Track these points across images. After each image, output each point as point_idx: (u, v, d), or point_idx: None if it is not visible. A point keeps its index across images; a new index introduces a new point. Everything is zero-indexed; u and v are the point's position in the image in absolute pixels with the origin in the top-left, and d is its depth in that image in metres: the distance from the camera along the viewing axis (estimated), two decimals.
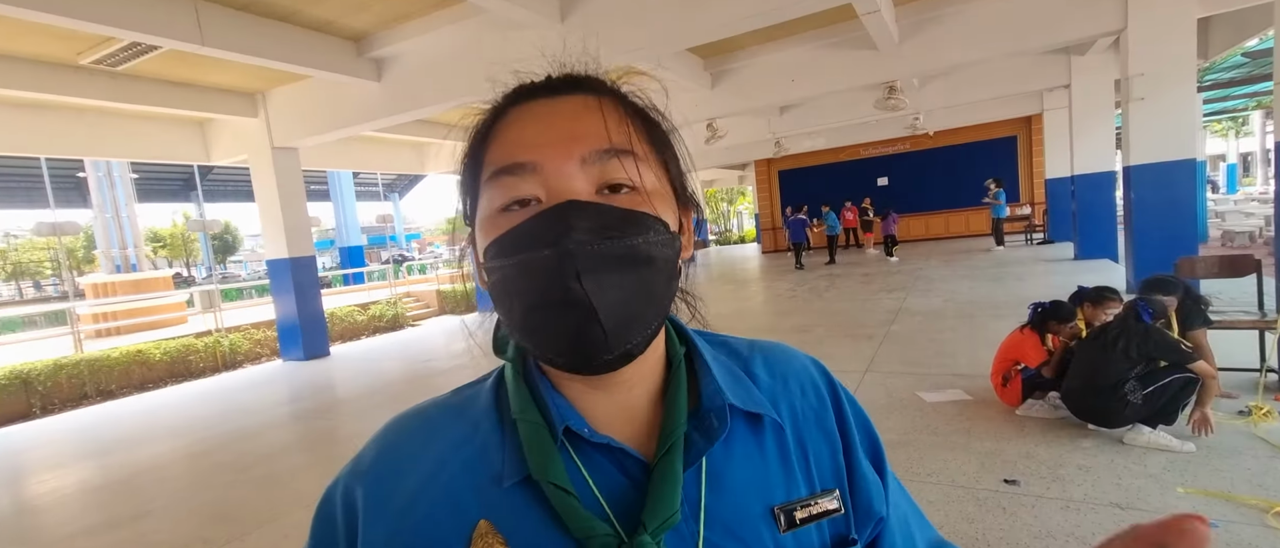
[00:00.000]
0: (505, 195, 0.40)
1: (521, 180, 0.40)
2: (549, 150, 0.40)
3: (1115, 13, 5.59)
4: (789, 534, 0.41)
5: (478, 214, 0.43)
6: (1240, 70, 10.25)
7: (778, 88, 7.47)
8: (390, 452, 0.44)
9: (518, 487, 0.39)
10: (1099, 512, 2.16)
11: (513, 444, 0.41)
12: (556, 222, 0.37)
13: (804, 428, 0.46)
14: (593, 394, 0.43)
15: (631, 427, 0.43)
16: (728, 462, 0.42)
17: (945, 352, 4.51)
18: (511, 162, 0.40)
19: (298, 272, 7.33)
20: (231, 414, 5.15)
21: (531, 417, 0.41)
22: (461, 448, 0.42)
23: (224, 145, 7.62)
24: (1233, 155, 27.21)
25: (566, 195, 0.39)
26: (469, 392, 0.47)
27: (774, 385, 0.47)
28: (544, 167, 0.39)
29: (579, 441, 0.41)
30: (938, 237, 15.05)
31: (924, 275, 8.84)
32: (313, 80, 6.43)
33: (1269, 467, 2.36)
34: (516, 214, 0.40)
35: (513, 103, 0.43)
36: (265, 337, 8.24)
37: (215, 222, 8.75)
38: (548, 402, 0.41)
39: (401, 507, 0.40)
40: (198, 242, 29.21)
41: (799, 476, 0.44)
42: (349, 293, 13.72)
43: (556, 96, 0.42)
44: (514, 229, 0.39)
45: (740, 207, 32.19)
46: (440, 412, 0.45)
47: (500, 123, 0.43)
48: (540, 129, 0.41)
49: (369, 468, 0.43)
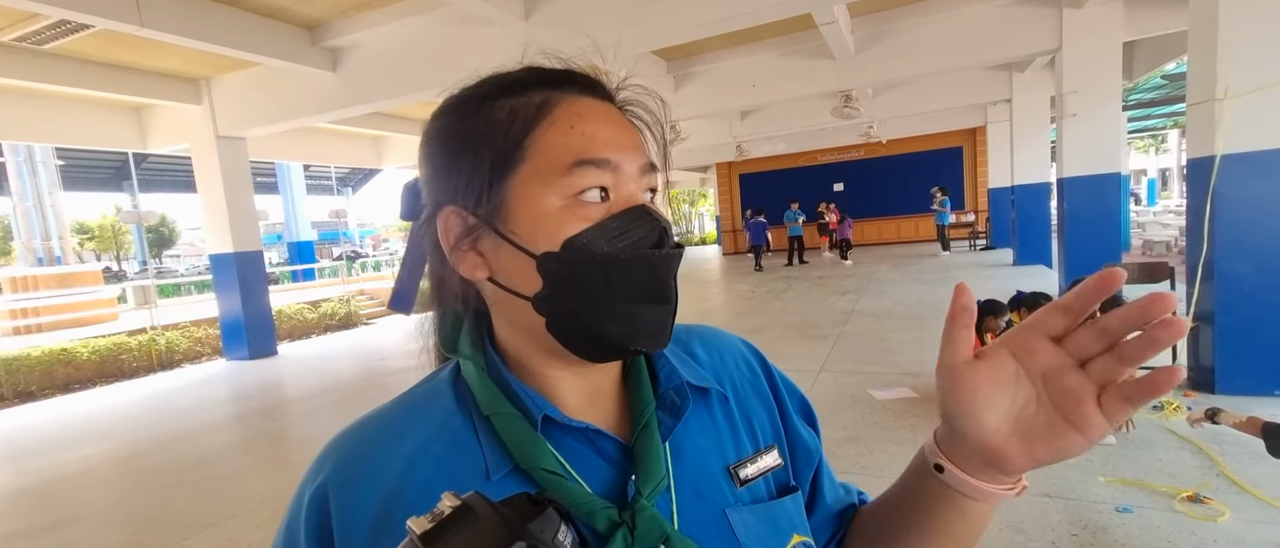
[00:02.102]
0: (582, 183, 0.40)
1: (603, 174, 0.41)
2: (625, 153, 0.42)
3: (1051, 33, 5.96)
4: (744, 488, 0.46)
5: (517, 198, 0.41)
6: (1160, 91, 11.09)
7: (739, 92, 7.62)
8: (353, 459, 0.42)
9: (506, 479, 0.40)
10: (1029, 500, 2.31)
11: (490, 438, 0.41)
12: (659, 224, 0.41)
13: (743, 396, 0.51)
14: (571, 382, 0.44)
15: (601, 411, 0.46)
16: (686, 434, 0.46)
17: (894, 351, 4.71)
18: (598, 156, 0.40)
19: (243, 267, 7.01)
20: (168, 415, 4.89)
21: (506, 409, 0.42)
22: (431, 447, 0.42)
23: (163, 132, 7.20)
24: (1153, 170, 29.33)
25: (636, 200, 0.42)
26: (424, 391, 0.46)
27: (714, 362, 0.52)
28: (621, 167, 0.41)
29: (554, 429, 0.42)
30: (889, 241, 15.63)
31: (876, 278, 9.18)
32: (262, 68, 6.15)
33: (1177, 457, 2.58)
34: (594, 206, 0.40)
35: (556, 87, 0.43)
36: (206, 335, 7.83)
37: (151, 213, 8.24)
38: (519, 393, 0.42)
39: (377, 513, 0.39)
40: (130, 234, 27.42)
41: (745, 437, 0.49)
42: (299, 290, 13.18)
43: (600, 100, 0.44)
44: (615, 220, 0.40)
45: (702, 208, 32.57)
46: (400, 413, 0.45)
47: (557, 109, 0.42)
48: (614, 131, 0.42)
49: (333, 478, 0.41)
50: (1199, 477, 2.38)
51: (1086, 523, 2.13)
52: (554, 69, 0.44)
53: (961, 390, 0.38)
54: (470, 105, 0.43)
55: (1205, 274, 3.27)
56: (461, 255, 0.43)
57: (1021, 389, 0.37)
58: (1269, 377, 3.15)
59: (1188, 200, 3.49)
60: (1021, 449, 0.37)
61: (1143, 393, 0.34)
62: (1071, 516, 2.19)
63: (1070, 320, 0.36)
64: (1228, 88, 3.07)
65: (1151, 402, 1.87)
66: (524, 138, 0.41)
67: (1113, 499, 2.27)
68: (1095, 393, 0.35)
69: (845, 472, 2.69)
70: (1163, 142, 26.69)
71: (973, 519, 0.43)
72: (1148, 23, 5.97)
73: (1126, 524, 2.10)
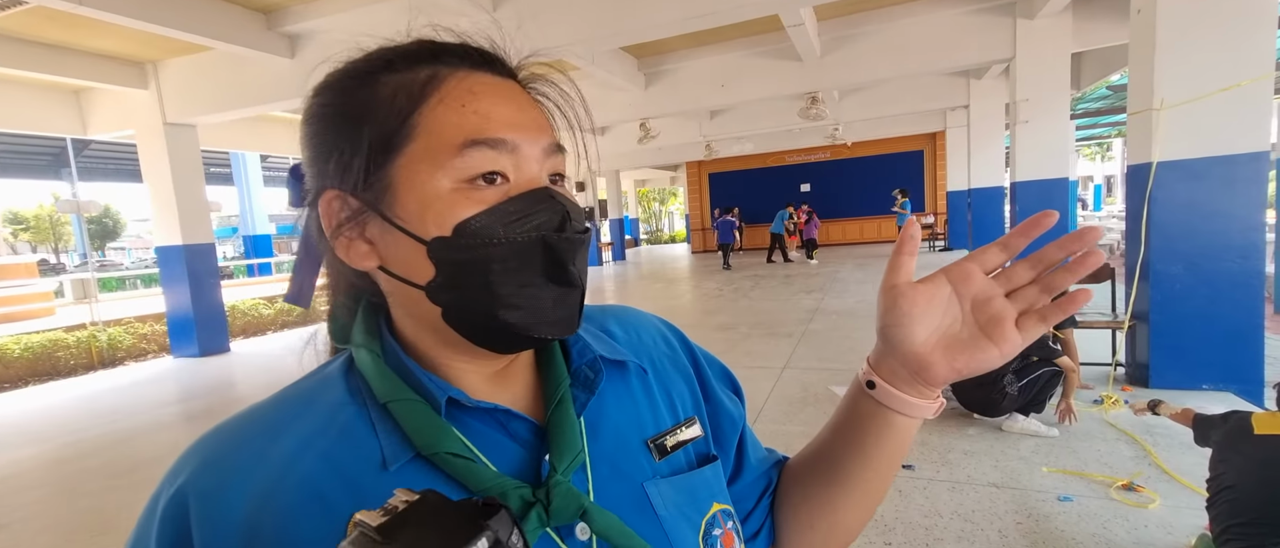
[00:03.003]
0: (476, 166, 0.38)
1: (500, 156, 0.38)
2: (524, 132, 0.40)
3: (1006, 42, 6.21)
4: (664, 461, 0.46)
5: (402, 181, 0.38)
6: (1105, 101, 11.65)
7: (708, 92, 7.68)
8: (218, 461, 0.38)
9: (407, 467, 0.38)
10: (979, 490, 2.41)
11: (388, 427, 0.39)
12: (559, 206, 0.39)
13: (662, 370, 0.52)
14: (473, 368, 0.43)
15: (511, 392, 0.44)
16: (601, 409, 0.45)
17: (857, 348, 4.82)
18: (494, 135, 0.38)
19: (193, 260, 6.70)
20: (109, 416, 4.64)
21: (406, 395, 0.39)
22: (316, 441, 0.38)
23: (105, 117, 6.82)
24: (1099, 177, 30.85)
25: (537, 182, 0.40)
26: (309, 385, 0.43)
27: (630, 338, 0.52)
28: (518, 147, 0.39)
29: (461, 413, 0.41)
30: (853, 242, 16.02)
31: (840, 278, 9.39)
32: (214, 53, 5.89)
33: (1115, 448, 2.72)
34: (488, 190, 0.38)
35: (447, 62, 0.40)
36: (153, 331, 7.46)
37: (92, 203, 7.77)
38: (421, 379, 0.40)
39: (248, 517, 0.36)
40: (70, 225, 25.91)
41: (664, 410, 0.49)
42: (255, 285, 12.69)
43: (501, 77, 0.42)
44: (510, 204, 0.38)
45: (671, 207, 32.73)
46: (279, 409, 0.41)
47: (447, 84, 0.39)
48: (513, 109, 0.40)
49: (193, 483, 0.37)
50: (1134, 467, 2.52)
51: (1030, 512, 2.23)
52: (446, 42, 0.41)
53: (900, 305, 0.43)
54: (352, 80, 0.40)
55: (1142, 275, 3.46)
56: (347, 243, 0.40)
57: (951, 310, 0.43)
58: (1197, 371, 3.36)
59: (1126, 205, 3.68)
60: (944, 359, 0.43)
61: (1056, 311, 0.41)
62: (1017, 505, 2.28)
63: (1006, 256, 0.43)
64: (1164, 98, 3.25)
65: (1092, 396, 1.98)
66: (410, 115, 0.38)
67: (1055, 489, 2.38)
68: (1015, 315, 0.42)
69: None
70: (1108, 149, 28.09)
71: (899, 435, 0.48)
72: (1094, 35, 6.27)
73: (1067, 512, 2.21)
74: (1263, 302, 3.30)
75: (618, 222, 17.21)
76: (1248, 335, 3.27)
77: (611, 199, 17.31)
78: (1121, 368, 3.70)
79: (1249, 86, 3.11)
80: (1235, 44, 3.12)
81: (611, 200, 17.26)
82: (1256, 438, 1.71)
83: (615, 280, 12.38)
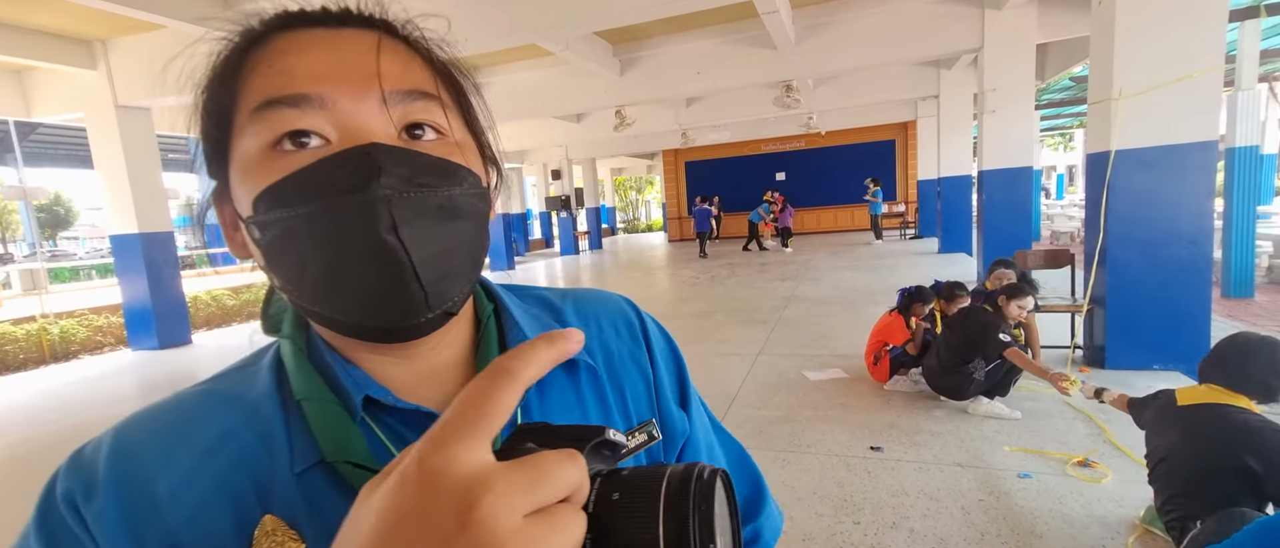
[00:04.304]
0: (275, 129, 0.33)
1: (302, 114, 0.33)
2: (343, 85, 0.34)
3: (974, 33, 6.32)
4: None
5: (233, 159, 0.35)
6: (1068, 92, 12.00)
7: (684, 79, 7.65)
8: (128, 453, 0.35)
9: (312, 472, 0.35)
10: (944, 470, 2.48)
11: (300, 427, 0.36)
12: (366, 163, 0.32)
13: (619, 366, 0.47)
14: (393, 364, 0.39)
15: (440, 392, 0.40)
16: (543, 413, 0.41)
17: (828, 334, 4.91)
18: (289, 93, 0.33)
19: (150, 249, 6.44)
20: (62, 411, 4.46)
21: (318, 394, 0.37)
22: (234, 438, 0.36)
23: (51, 99, 6.47)
24: (1062, 167, 31.84)
25: (366, 138, 0.34)
26: (239, 376, 0.40)
27: (586, 330, 0.47)
28: (336, 102, 0.34)
29: (382, 413, 0.37)
30: (827, 230, 16.24)
31: (814, 265, 9.52)
32: (167, 31, 5.62)
33: (1072, 427, 2.83)
34: (294, 155, 0.33)
35: (277, 29, 0.36)
36: (109, 323, 7.18)
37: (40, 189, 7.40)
38: (341, 375, 0.37)
39: (150, 516, 0.33)
40: (17, 213, 24.63)
41: (616, 413, 0.45)
42: (218, 275, 12.28)
43: (341, 29, 0.36)
44: (303, 171, 0.33)
45: (648, 196, 32.67)
46: (201, 400, 0.38)
47: (261, 49, 0.35)
48: (329, 60, 0.34)
49: (101, 474, 0.34)
50: (1089, 444, 2.63)
51: (992, 489, 2.31)
52: (292, 12, 0.37)
53: None
54: (213, 71, 0.37)
55: (1100, 260, 3.59)
56: (230, 236, 0.38)
57: None
58: (1149, 353, 3.51)
59: (1086, 193, 3.81)
60: None
61: None
62: (980, 482, 2.36)
63: None
64: (1122, 88, 3.35)
65: None
66: (234, 88, 0.35)
67: (1015, 467, 2.47)
68: None
69: (780, 450, 2.79)
70: (1070, 140, 28.98)
71: None
72: (1058, 27, 6.43)
73: (1026, 489, 2.29)
74: (1210, 286, 3.46)
75: (594, 211, 17.12)
76: (1196, 318, 3.43)
77: (588, 188, 17.20)
78: (1080, 350, 3.85)
79: (1200, 78, 3.23)
80: (1188, 37, 3.24)
81: (588, 189, 17.15)
82: (1181, 410, 1.81)
83: (592, 270, 12.34)
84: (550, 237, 19.62)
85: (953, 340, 3.11)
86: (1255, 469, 1.59)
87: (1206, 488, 1.67)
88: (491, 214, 0.41)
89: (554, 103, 8.57)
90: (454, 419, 0.22)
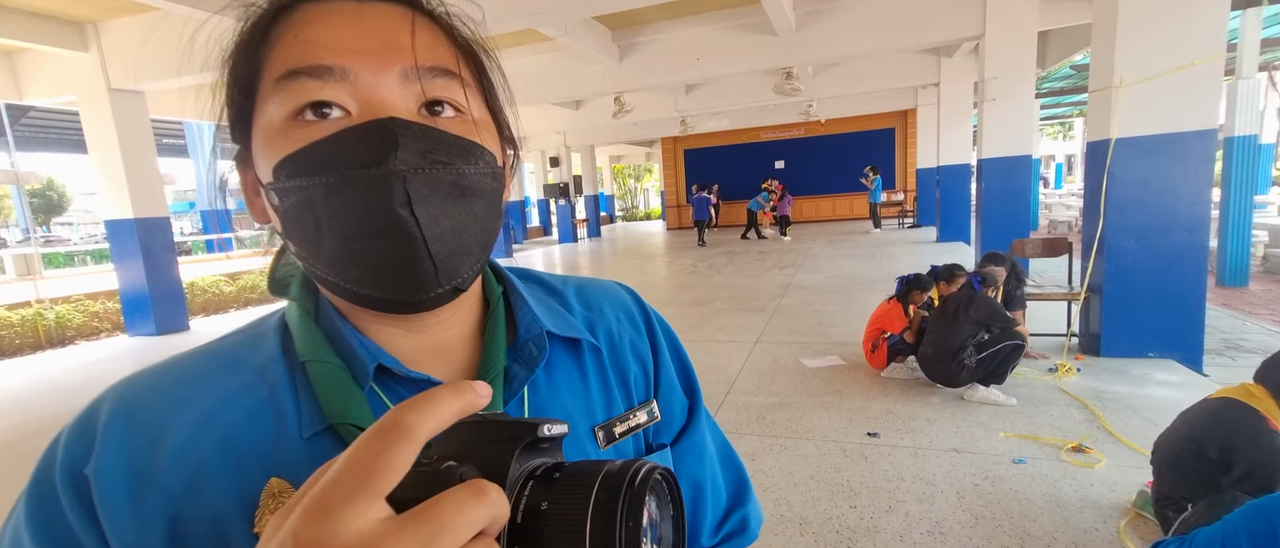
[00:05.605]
0: (298, 99, 0.34)
1: (324, 85, 0.34)
2: (366, 58, 0.34)
3: (976, 20, 6.27)
4: (610, 448, 0.44)
5: (256, 126, 0.36)
6: (1068, 81, 11.94)
7: (684, 65, 7.59)
8: (130, 413, 0.36)
9: (322, 437, 0.36)
10: (939, 456, 2.51)
11: (307, 390, 0.37)
12: (384, 137, 0.33)
13: (620, 350, 0.49)
14: (401, 336, 0.40)
15: (448, 366, 0.41)
16: (551, 390, 0.43)
17: (826, 322, 4.93)
18: (314, 63, 0.34)
19: (146, 234, 6.41)
20: (58, 396, 4.47)
21: (326, 358, 0.37)
22: (239, 400, 0.36)
23: (42, 83, 6.40)
24: (1061, 156, 31.79)
25: (385, 112, 0.34)
26: (243, 337, 0.40)
27: (589, 315, 0.49)
28: (358, 75, 0.34)
29: (390, 381, 0.38)
30: (826, 219, 16.23)
31: (812, 254, 9.53)
32: (160, 12, 5.54)
33: (1067, 413, 2.86)
34: (315, 125, 0.34)
35: None
36: (105, 309, 7.16)
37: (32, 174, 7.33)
38: (352, 341, 0.38)
39: (149, 481, 0.34)
40: (9, 198, 24.45)
41: (618, 394, 0.47)
42: (215, 261, 12.26)
43: (367, 2, 0.36)
44: (322, 142, 0.34)
45: (647, 183, 32.55)
46: (206, 362, 0.38)
47: (288, 18, 0.36)
48: (353, 33, 0.35)
49: (102, 436, 0.35)
50: (1083, 430, 2.66)
51: (987, 474, 2.34)
52: None
53: None
54: (238, 34, 0.38)
55: (1098, 249, 3.60)
56: (251, 200, 0.39)
57: None
58: (1144, 340, 3.53)
59: (1085, 181, 3.80)
60: None
61: None
62: (975, 468, 2.39)
63: None
64: (1123, 77, 3.34)
65: (1047, 365, 2.02)
66: (261, 56, 0.36)
67: (1010, 452, 2.49)
68: None
69: (777, 436, 2.82)
70: (1070, 129, 28.91)
71: None
72: (1060, 14, 6.38)
73: (1021, 474, 2.32)
74: (1206, 274, 3.48)
75: (593, 198, 17.06)
76: (1191, 306, 3.45)
77: (586, 175, 17.13)
78: (1076, 338, 3.88)
79: (1201, 66, 3.22)
80: (1190, 24, 3.22)
81: (586, 176, 17.08)
82: (1202, 400, 1.81)
83: (590, 257, 12.33)
84: (548, 224, 19.57)
85: (954, 322, 3.14)
86: (1213, 458, 1.61)
87: (1190, 474, 1.69)
88: (506, 193, 0.41)
89: (552, 89, 8.50)
90: (341, 479, 0.20)
